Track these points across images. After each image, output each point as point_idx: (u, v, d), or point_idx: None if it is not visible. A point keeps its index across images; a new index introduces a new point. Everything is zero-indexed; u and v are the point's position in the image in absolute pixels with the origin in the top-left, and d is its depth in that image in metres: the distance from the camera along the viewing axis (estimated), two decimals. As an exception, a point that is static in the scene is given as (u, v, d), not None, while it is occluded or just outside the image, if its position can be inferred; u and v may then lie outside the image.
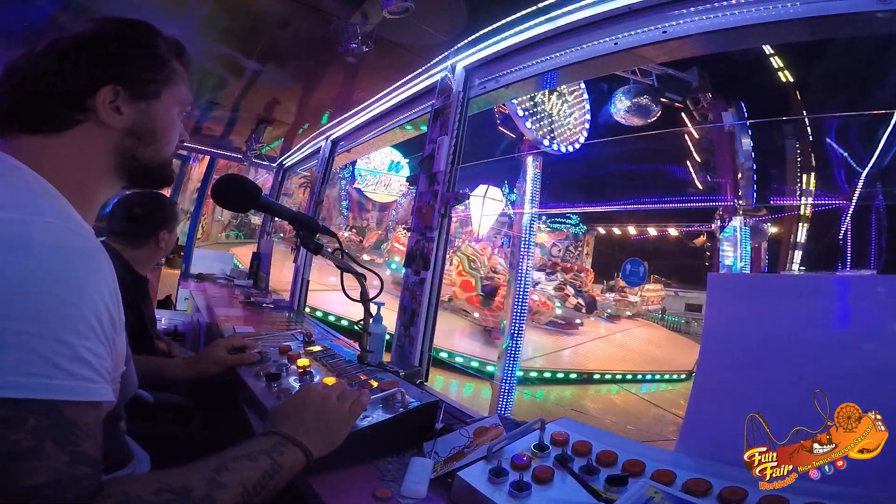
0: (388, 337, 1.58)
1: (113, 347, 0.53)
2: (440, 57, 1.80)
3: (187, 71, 0.72)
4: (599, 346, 11.05)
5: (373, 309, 1.27)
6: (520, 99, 6.15)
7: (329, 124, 2.87)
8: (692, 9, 1.17)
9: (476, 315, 9.53)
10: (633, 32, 1.28)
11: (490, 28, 1.59)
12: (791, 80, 10.20)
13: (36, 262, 0.46)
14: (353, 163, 13.45)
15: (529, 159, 6.67)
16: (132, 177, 0.66)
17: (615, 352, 10.88)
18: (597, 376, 8.86)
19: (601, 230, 17.94)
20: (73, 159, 0.59)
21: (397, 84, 2.11)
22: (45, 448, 0.43)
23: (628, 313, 14.71)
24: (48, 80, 0.58)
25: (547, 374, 8.30)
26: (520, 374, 6.29)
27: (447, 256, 2.35)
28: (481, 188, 12.44)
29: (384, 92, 2.22)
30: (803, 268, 10.82)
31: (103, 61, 0.61)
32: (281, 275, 3.88)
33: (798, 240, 10.88)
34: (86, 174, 0.60)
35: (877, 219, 9.54)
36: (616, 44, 1.32)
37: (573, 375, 8.66)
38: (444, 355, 7.79)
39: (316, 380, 1.05)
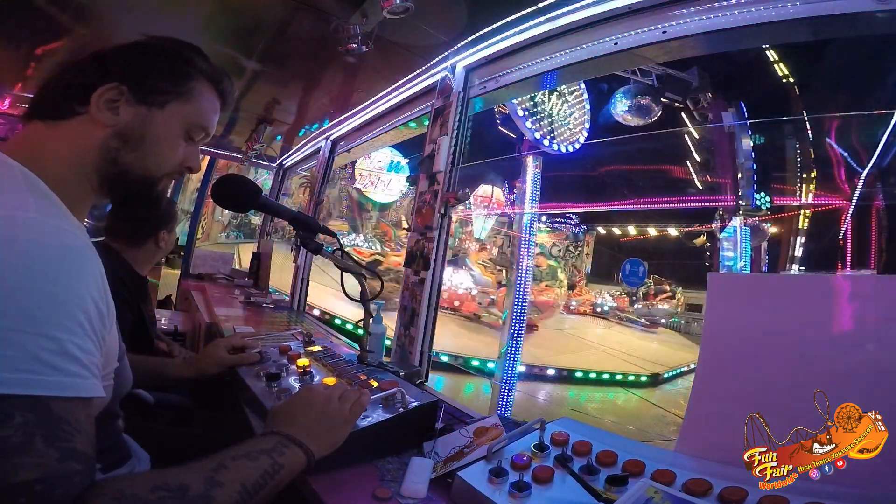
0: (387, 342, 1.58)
1: (103, 343, 0.53)
2: (440, 57, 1.80)
3: (223, 101, 0.72)
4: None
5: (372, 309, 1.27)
6: (520, 99, 6.14)
7: (329, 124, 2.87)
8: (692, 9, 1.17)
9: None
10: (633, 32, 1.28)
11: (490, 28, 1.58)
12: (791, 79, 10.20)
13: (19, 258, 0.46)
14: (354, 163, 13.43)
15: (529, 159, 6.66)
16: (111, 184, 0.63)
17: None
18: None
19: (601, 230, 17.93)
20: (64, 149, 0.60)
21: (397, 84, 2.11)
22: (34, 444, 0.43)
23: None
24: (72, 72, 0.61)
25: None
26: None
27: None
28: (481, 188, 12.47)
29: (384, 92, 2.22)
30: (803, 268, 10.80)
31: (121, 61, 0.62)
32: (281, 278, 3.85)
33: (798, 240, 10.86)
34: (73, 168, 0.60)
35: (877, 219, 9.53)
36: (616, 44, 1.31)
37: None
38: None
39: (316, 380, 1.05)
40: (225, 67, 0.72)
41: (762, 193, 9.54)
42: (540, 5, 1.42)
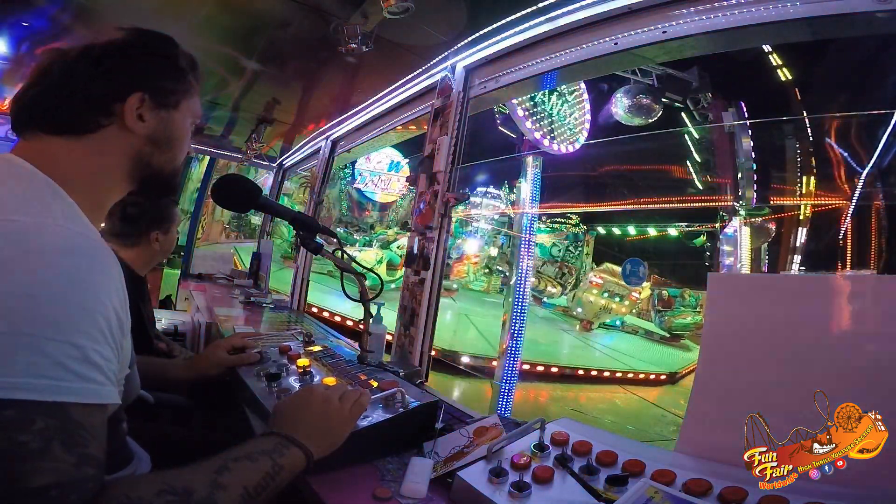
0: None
1: (120, 350, 0.53)
2: (440, 57, 1.80)
3: (198, 85, 0.75)
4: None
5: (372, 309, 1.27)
6: (520, 99, 6.14)
7: (329, 124, 2.87)
8: (692, 9, 1.16)
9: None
10: (633, 32, 1.27)
11: (490, 28, 1.58)
12: (791, 79, 10.20)
13: (47, 265, 0.46)
14: (354, 163, 13.43)
15: (529, 159, 6.66)
16: (143, 182, 0.67)
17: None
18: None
19: (601, 230, 17.92)
20: (90, 162, 0.60)
21: (397, 84, 2.10)
22: (53, 449, 0.43)
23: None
24: (81, 85, 0.60)
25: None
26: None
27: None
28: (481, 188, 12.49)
29: (384, 92, 2.21)
30: (803, 268, 10.80)
31: (134, 69, 0.63)
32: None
33: (798, 240, 10.87)
34: (100, 177, 0.61)
35: (877, 219, 9.52)
36: (616, 44, 1.31)
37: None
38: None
39: (316, 380, 1.05)
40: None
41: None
42: (540, 5, 1.42)
